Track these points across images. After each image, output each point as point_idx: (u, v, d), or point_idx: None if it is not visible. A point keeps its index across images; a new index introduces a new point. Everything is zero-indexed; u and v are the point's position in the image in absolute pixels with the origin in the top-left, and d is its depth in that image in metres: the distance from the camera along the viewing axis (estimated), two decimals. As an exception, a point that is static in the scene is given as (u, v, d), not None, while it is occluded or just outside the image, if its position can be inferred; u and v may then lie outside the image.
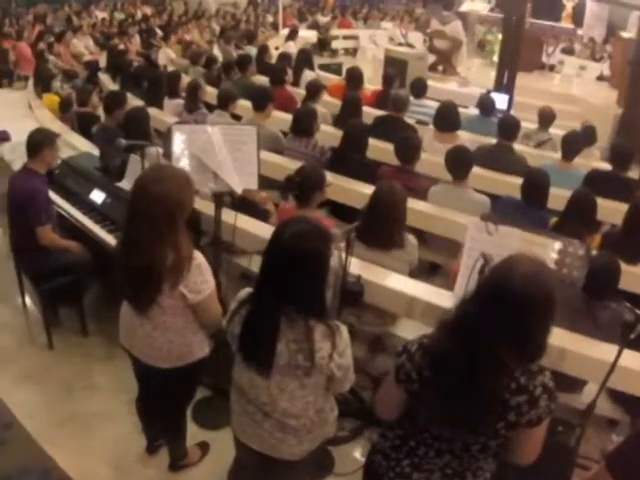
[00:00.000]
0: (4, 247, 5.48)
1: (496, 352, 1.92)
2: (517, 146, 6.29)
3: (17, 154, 4.57)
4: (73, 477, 3.53)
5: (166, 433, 3.60)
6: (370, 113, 7.18)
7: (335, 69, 11.88)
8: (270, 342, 2.39)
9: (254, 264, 3.97)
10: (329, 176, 4.21)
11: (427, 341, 2.11)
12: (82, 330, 4.78)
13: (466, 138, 6.32)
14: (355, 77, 7.90)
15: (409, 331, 3.91)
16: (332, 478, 3.68)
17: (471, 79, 10.86)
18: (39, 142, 4.37)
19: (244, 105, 6.75)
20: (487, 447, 2.10)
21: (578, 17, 16.54)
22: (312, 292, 2.39)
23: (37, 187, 4.31)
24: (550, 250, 3.08)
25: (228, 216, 3.97)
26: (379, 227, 3.85)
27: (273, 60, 10.11)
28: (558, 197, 4.67)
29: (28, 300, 5.14)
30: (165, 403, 3.28)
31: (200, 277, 2.82)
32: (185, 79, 7.94)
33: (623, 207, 4.53)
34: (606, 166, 5.72)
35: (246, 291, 2.56)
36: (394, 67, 9.48)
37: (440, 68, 12.19)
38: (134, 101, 7.07)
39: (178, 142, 3.82)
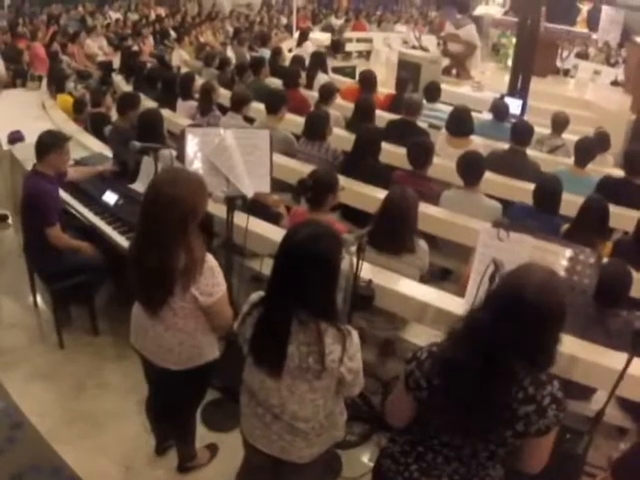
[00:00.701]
0: (16, 246, 5.52)
1: (507, 362, 1.93)
2: (530, 151, 6.26)
3: (31, 155, 4.59)
4: (82, 476, 3.55)
5: (175, 434, 3.61)
6: (383, 117, 7.18)
7: (349, 72, 11.87)
8: (281, 345, 2.40)
9: (265, 267, 3.98)
10: (341, 180, 4.22)
11: (437, 349, 2.11)
12: (93, 329, 4.80)
13: (479, 143, 6.29)
14: (368, 80, 7.90)
15: (420, 336, 3.92)
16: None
17: (485, 83, 10.81)
18: (46, 145, 4.38)
19: (257, 108, 6.76)
20: (495, 454, 2.11)
21: (593, 21, 16.49)
22: (323, 295, 2.40)
23: (45, 188, 4.32)
24: (561, 257, 3.08)
25: (240, 219, 3.99)
26: (391, 232, 3.85)
27: (286, 62, 10.13)
28: (571, 203, 4.66)
29: (39, 299, 5.18)
30: (175, 404, 3.29)
31: (212, 280, 2.84)
32: (198, 81, 7.96)
33: (636, 214, 4.53)
34: (619, 172, 5.70)
35: (258, 294, 2.57)
36: (408, 70, 9.51)
37: (454, 72, 12.18)
38: (147, 102, 7.11)
39: (191, 145, 3.84)
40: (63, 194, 4.73)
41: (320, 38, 14.41)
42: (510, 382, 1.96)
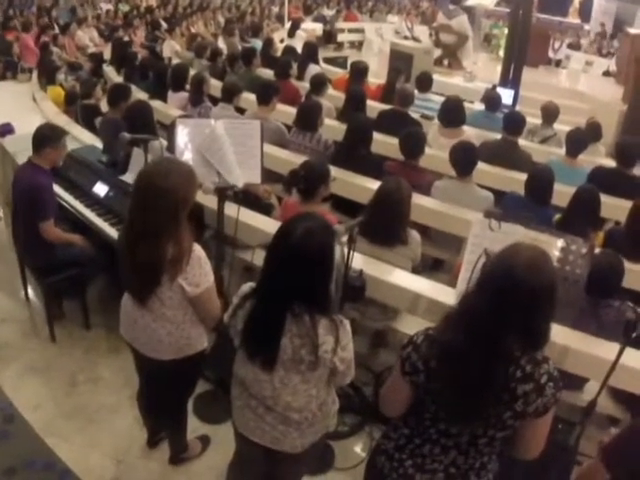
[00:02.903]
0: (6, 239, 5.49)
1: (502, 341, 1.92)
2: (522, 142, 6.27)
3: (21, 147, 4.55)
4: (75, 470, 3.54)
5: (167, 426, 3.61)
6: (375, 107, 7.17)
7: (341, 62, 11.86)
8: (275, 337, 2.38)
9: (257, 258, 3.97)
10: (333, 170, 4.21)
11: (433, 332, 2.10)
12: (85, 323, 4.78)
13: (471, 133, 6.30)
14: (359, 71, 7.88)
15: (411, 327, 3.91)
16: (333, 472, 3.69)
17: (477, 74, 10.80)
18: (43, 138, 4.33)
19: (249, 98, 6.74)
20: (493, 440, 2.09)
21: (585, 12, 16.49)
22: (319, 288, 2.39)
23: (41, 182, 4.27)
24: (553, 247, 3.07)
25: (231, 210, 3.97)
26: (383, 223, 3.84)
27: (278, 53, 10.11)
28: (563, 194, 4.66)
29: (31, 292, 5.15)
30: (166, 396, 3.28)
31: (199, 270, 2.82)
32: (190, 72, 7.91)
33: (627, 204, 4.52)
34: (611, 163, 5.71)
35: (249, 285, 2.55)
36: (400, 61, 9.49)
37: (446, 62, 12.17)
38: (138, 94, 7.08)
39: (182, 136, 3.82)
40: (54, 186, 4.69)
41: (312, 28, 14.38)
42: (508, 362, 1.95)
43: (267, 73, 8.54)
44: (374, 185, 4.16)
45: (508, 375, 1.96)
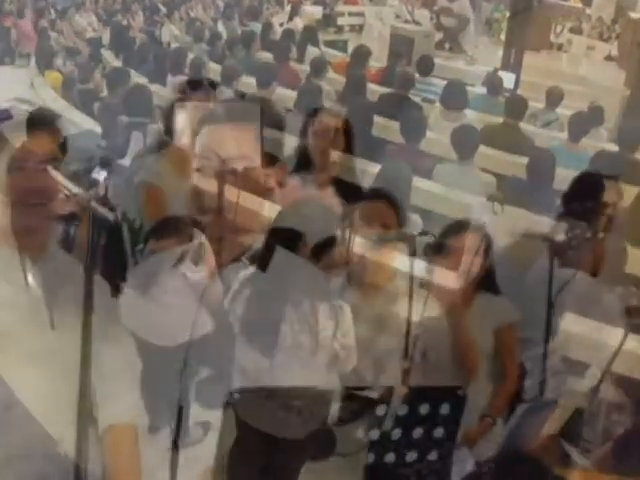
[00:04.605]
0: (5, 224, 5.46)
1: None
2: (524, 126, 6.25)
3: (18, 132, 4.50)
4: (76, 459, 3.53)
5: (169, 411, 3.59)
6: (376, 91, 7.14)
7: (341, 46, 11.81)
8: (275, 323, 2.37)
9: (257, 242, 3.95)
10: (333, 154, 4.18)
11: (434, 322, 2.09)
12: (85, 308, 4.74)
13: (472, 117, 6.28)
14: (361, 55, 7.86)
15: (413, 312, 3.88)
16: (334, 458, 3.68)
17: (478, 57, 10.77)
18: (34, 123, 4.29)
19: (248, 82, 6.71)
20: None
21: (587, -4, 16.38)
22: (319, 274, 2.38)
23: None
24: (556, 232, 3.05)
25: (231, 194, 3.93)
26: (384, 206, 3.81)
27: (277, 37, 10.07)
28: (565, 178, 4.62)
29: (30, 278, 5.11)
30: (168, 381, 3.27)
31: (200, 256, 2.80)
32: (189, 56, 7.89)
33: (630, 189, 4.49)
34: (613, 147, 5.68)
35: (248, 271, 2.54)
36: (400, 44, 9.45)
37: (447, 46, 12.11)
38: (138, 78, 7.05)
39: (180, 120, 3.79)
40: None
41: (312, 12, 14.29)
42: None
43: (266, 57, 8.51)
44: (374, 169, 4.14)
45: None
